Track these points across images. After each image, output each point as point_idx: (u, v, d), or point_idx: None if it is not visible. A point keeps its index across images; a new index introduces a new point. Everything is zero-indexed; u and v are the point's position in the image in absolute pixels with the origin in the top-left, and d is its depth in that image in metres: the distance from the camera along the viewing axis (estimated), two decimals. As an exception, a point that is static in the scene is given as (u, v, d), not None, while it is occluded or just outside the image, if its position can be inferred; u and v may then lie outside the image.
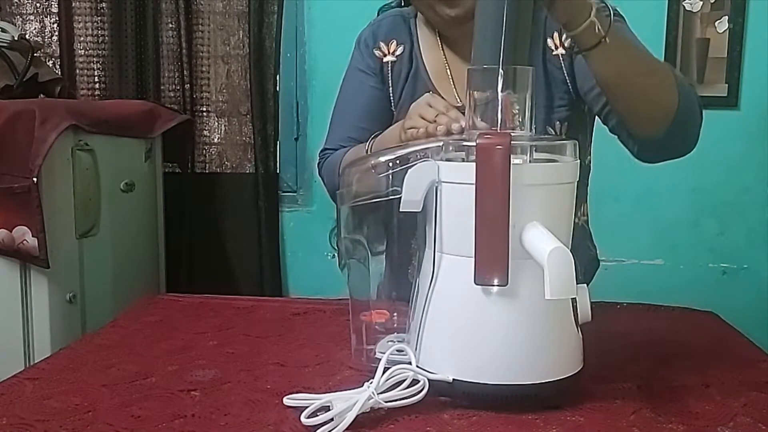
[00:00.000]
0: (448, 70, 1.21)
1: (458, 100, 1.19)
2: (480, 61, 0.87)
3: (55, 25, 2.44)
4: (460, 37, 1.18)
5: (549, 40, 1.18)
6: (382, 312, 0.98)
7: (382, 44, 1.25)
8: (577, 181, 0.87)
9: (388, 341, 0.95)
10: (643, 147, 1.08)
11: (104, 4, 2.40)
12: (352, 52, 1.30)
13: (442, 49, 1.22)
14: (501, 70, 0.85)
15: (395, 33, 1.24)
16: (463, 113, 1.09)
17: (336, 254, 1.12)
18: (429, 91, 1.20)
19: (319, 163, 1.34)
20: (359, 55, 1.27)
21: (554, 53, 1.19)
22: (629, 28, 1.16)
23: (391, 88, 1.24)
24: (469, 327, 0.84)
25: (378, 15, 1.34)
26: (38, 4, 2.45)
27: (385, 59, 1.24)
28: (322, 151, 1.33)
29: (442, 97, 1.18)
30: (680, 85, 1.02)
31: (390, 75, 1.24)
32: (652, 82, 1.01)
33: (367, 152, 1.13)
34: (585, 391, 0.87)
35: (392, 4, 1.34)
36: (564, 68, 1.18)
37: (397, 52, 1.23)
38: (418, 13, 1.24)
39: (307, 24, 2.42)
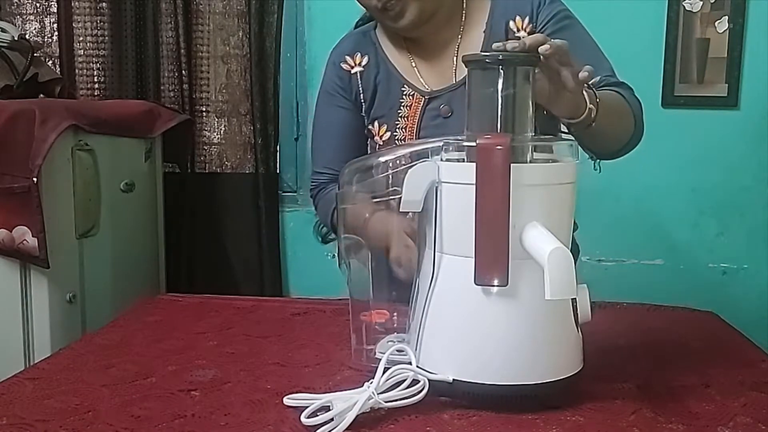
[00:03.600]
0: (415, 68, 1.27)
1: (426, 87, 1.25)
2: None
3: (55, 25, 2.44)
4: (419, 37, 1.25)
5: (511, 23, 1.22)
6: (382, 312, 0.98)
7: (347, 57, 1.32)
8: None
9: (388, 341, 0.95)
10: (599, 157, 1.18)
11: (104, 4, 2.39)
12: (323, 74, 1.36)
13: (407, 49, 1.28)
14: (501, 70, 0.85)
15: (359, 47, 1.32)
16: (432, 101, 1.22)
17: (336, 254, 1.13)
18: (402, 85, 1.26)
19: (312, 190, 1.38)
20: (327, 77, 1.34)
21: (516, 35, 1.22)
22: (581, 25, 1.22)
23: (362, 95, 1.30)
24: (469, 327, 0.84)
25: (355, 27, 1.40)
26: (38, 4, 2.45)
27: (353, 71, 1.31)
28: (313, 174, 1.38)
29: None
30: (635, 111, 1.16)
31: (360, 83, 1.30)
32: (619, 126, 1.13)
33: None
34: (585, 391, 0.87)
35: (365, 17, 1.39)
36: None
37: (363, 62, 1.30)
38: (378, 25, 1.32)
39: (307, 24, 2.42)
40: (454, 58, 1.24)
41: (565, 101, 0.94)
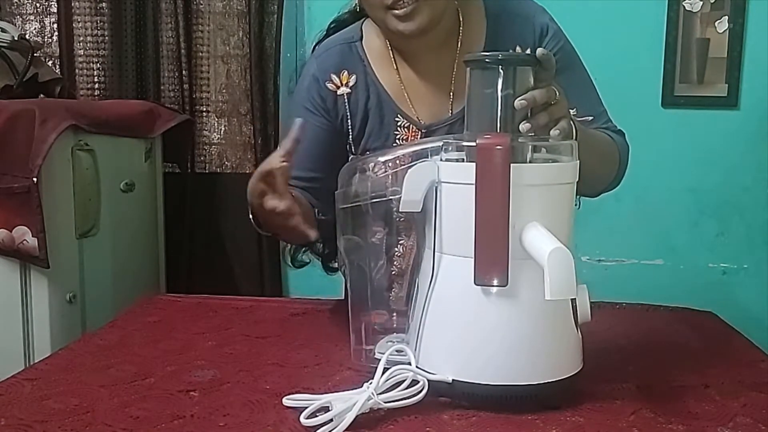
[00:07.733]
0: (404, 91, 1.17)
1: (419, 120, 1.16)
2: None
3: (55, 25, 2.43)
4: (414, 50, 1.15)
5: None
6: (381, 312, 0.98)
7: (333, 76, 1.19)
8: None
9: (387, 341, 0.95)
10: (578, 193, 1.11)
11: (104, 4, 2.39)
12: (298, 84, 1.25)
13: (396, 68, 1.18)
14: (501, 71, 0.85)
15: (345, 63, 1.19)
16: (426, 134, 1.15)
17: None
18: (396, 115, 1.16)
19: None
20: (306, 92, 1.21)
21: None
22: (582, 65, 1.18)
23: (350, 120, 1.19)
24: (469, 327, 0.84)
25: (327, 31, 1.29)
26: (38, 4, 2.45)
27: (339, 91, 1.19)
28: None
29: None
30: (621, 153, 1.16)
31: (347, 106, 1.18)
32: (601, 167, 1.13)
33: None
34: (585, 391, 0.87)
35: (345, 15, 1.29)
36: None
37: (351, 83, 1.18)
38: (364, 36, 1.20)
39: (307, 24, 2.42)
40: (451, 93, 1.15)
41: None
